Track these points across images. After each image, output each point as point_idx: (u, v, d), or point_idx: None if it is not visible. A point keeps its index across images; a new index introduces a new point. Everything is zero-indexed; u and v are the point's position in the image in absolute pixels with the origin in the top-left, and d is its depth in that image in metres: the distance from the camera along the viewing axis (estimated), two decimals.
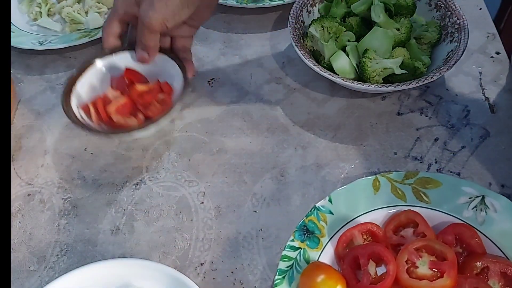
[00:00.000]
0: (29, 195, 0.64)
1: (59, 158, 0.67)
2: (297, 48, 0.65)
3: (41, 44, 0.78)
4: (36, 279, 0.56)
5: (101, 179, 0.64)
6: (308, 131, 0.66)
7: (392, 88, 0.60)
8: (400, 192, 0.56)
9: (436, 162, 0.61)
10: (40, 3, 0.85)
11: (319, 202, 0.55)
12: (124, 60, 0.65)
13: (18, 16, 0.86)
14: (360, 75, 0.65)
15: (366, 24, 0.69)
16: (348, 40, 0.68)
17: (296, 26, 0.69)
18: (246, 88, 0.72)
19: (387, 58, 0.64)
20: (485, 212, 0.53)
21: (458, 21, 0.67)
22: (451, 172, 0.60)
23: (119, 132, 0.61)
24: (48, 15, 0.85)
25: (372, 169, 0.61)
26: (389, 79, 0.65)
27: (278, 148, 0.65)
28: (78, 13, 0.83)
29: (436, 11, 0.70)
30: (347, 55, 0.66)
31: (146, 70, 0.66)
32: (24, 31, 0.83)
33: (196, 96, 0.72)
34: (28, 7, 0.86)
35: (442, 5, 0.70)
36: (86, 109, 0.62)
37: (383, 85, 0.61)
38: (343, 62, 0.66)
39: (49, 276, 0.56)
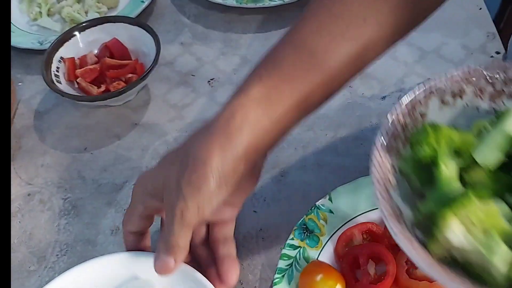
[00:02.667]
0: (29, 195, 0.64)
1: (59, 158, 0.67)
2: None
3: (41, 44, 0.78)
4: (36, 279, 0.56)
5: (101, 179, 0.64)
6: (308, 131, 0.66)
7: None
8: None
9: None
10: (40, 3, 0.85)
11: (319, 201, 0.55)
12: (120, 31, 0.72)
13: (18, 16, 0.86)
14: None
15: (503, 173, 0.36)
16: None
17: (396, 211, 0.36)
18: None
19: None
20: None
21: None
22: None
23: (84, 99, 0.67)
24: (48, 15, 0.85)
25: None
26: None
27: (278, 148, 0.64)
28: (78, 13, 0.83)
29: None
30: None
31: (132, 45, 0.73)
32: (24, 31, 0.83)
33: (196, 96, 0.72)
34: (28, 7, 0.86)
35: None
36: (64, 62, 0.71)
37: None
38: None
39: (49, 276, 0.56)
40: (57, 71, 0.69)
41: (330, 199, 0.55)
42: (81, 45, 0.73)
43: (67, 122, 0.71)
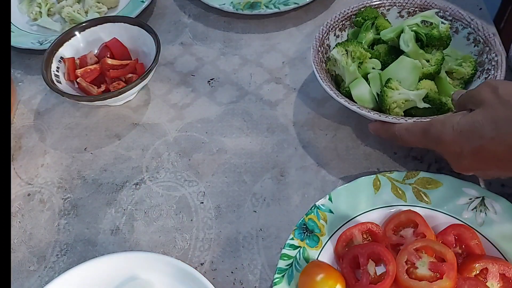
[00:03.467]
0: (29, 195, 0.64)
1: (59, 158, 0.67)
2: (317, 71, 0.61)
3: (41, 44, 0.78)
4: (36, 279, 0.56)
5: (101, 179, 0.64)
6: (308, 131, 0.66)
7: (410, 121, 0.55)
8: (400, 191, 0.56)
9: (436, 162, 0.61)
10: (40, 3, 0.85)
11: (319, 201, 0.55)
12: (120, 31, 0.73)
13: (18, 16, 0.86)
14: (380, 105, 0.59)
15: (395, 53, 0.64)
16: (373, 68, 0.63)
17: (319, 49, 0.65)
18: (246, 88, 0.72)
19: (412, 90, 0.58)
20: (485, 213, 0.53)
21: (496, 58, 0.60)
22: (451, 171, 0.60)
23: (84, 99, 0.66)
24: (48, 15, 0.85)
25: (372, 168, 0.61)
26: (412, 112, 0.59)
27: (278, 148, 0.65)
28: (78, 13, 0.83)
29: (474, 46, 0.64)
30: (369, 83, 0.61)
31: (132, 45, 0.73)
32: (24, 31, 0.83)
33: (196, 96, 0.72)
34: (28, 7, 0.86)
35: (481, 40, 0.63)
36: (64, 62, 0.71)
37: (401, 118, 0.55)
38: (362, 90, 0.60)
39: (49, 276, 0.56)
40: (57, 71, 0.69)
41: (330, 199, 0.55)
42: (81, 45, 0.73)
43: (67, 122, 0.71)
